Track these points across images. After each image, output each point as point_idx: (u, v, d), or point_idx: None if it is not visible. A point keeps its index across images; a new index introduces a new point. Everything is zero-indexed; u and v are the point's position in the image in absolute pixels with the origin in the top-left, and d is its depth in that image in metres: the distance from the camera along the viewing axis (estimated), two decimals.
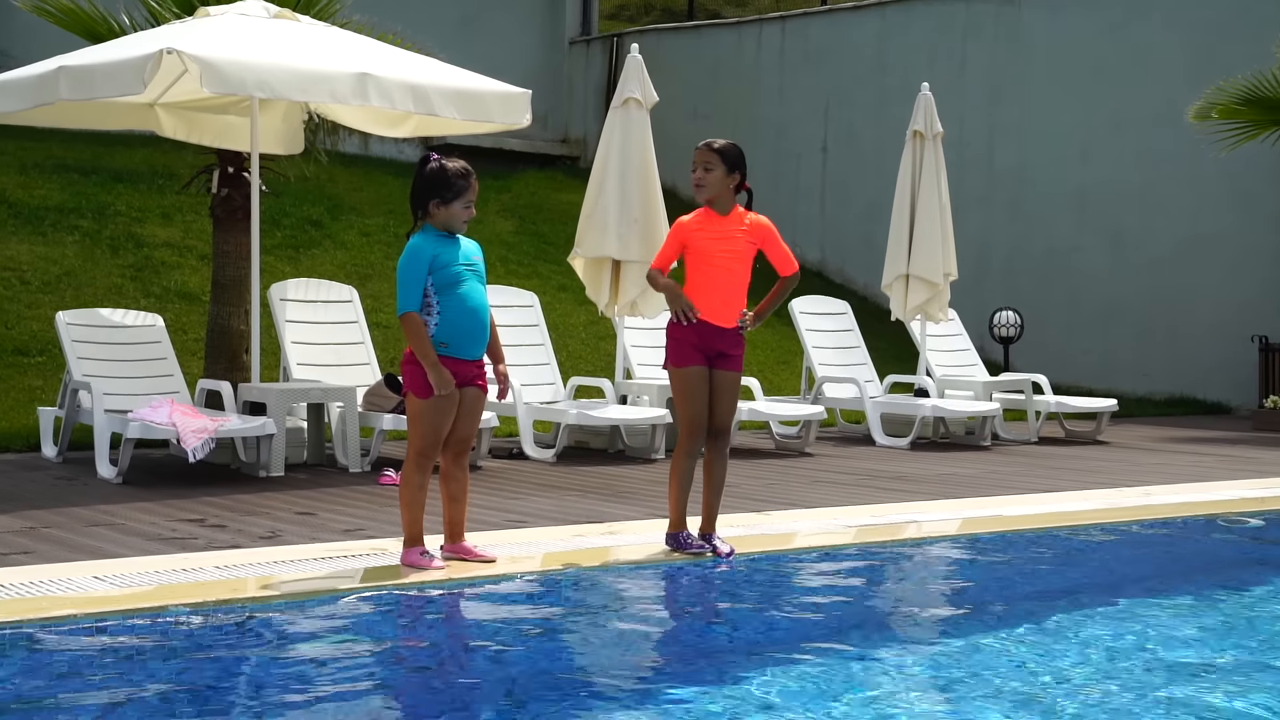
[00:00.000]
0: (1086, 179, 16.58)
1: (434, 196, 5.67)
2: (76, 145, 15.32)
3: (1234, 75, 13.70)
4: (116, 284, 12.85)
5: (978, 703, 4.08)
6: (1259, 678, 4.42)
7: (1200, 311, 15.75)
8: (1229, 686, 4.28)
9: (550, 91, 20.16)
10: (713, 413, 6.15)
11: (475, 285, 5.73)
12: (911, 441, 11.36)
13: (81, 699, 3.94)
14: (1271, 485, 9.18)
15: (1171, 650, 4.76)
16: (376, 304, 13.22)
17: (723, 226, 6.23)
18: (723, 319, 6.11)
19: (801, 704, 4.01)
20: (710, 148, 6.42)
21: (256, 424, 8.56)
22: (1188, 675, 4.44)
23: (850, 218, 18.26)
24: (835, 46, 18.79)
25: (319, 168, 11.40)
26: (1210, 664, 4.59)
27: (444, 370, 5.61)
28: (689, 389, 6.10)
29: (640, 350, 11.21)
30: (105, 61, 8.37)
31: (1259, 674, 4.48)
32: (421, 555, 5.71)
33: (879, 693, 4.20)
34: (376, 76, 8.54)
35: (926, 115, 12.06)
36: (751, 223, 6.24)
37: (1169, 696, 4.17)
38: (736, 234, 6.21)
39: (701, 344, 6.08)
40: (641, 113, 10.56)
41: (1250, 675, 4.45)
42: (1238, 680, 4.38)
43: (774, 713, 3.92)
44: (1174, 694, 4.20)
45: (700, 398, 6.10)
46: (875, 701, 4.09)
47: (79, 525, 6.80)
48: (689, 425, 6.13)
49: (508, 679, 4.33)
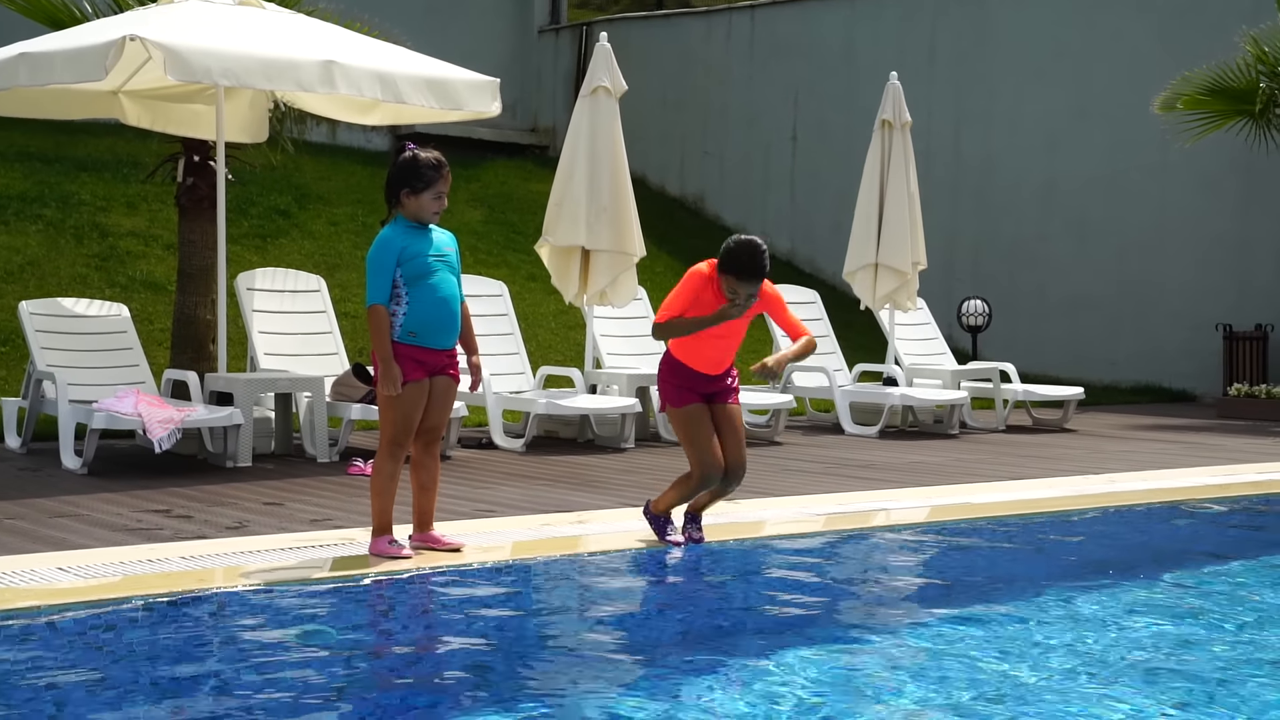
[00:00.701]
0: (1054, 168, 16.66)
1: (404, 186, 5.65)
2: (40, 133, 15.18)
3: (1199, 65, 13.78)
4: (81, 274, 12.75)
5: (945, 688, 4.10)
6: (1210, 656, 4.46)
7: (1166, 300, 15.86)
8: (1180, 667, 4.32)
9: (519, 80, 20.11)
10: (726, 451, 5.99)
11: (446, 276, 5.71)
12: (880, 430, 11.40)
13: (51, 687, 3.91)
14: (1235, 472, 9.26)
15: (1133, 634, 4.80)
16: (344, 293, 13.16)
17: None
18: (715, 369, 6.05)
19: (780, 683, 4.02)
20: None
21: (223, 414, 8.51)
22: (1144, 663, 4.47)
23: (820, 207, 18.29)
24: (804, 36, 18.80)
25: (286, 156, 11.33)
26: (1167, 647, 4.62)
27: (395, 368, 5.60)
28: (691, 427, 5.95)
29: (610, 340, 11.20)
30: (67, 48, 8.28)
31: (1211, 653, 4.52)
32: (390, 544, 5.70)
33: (846, 675, 4.21)
34: (343, 64, 8.48)
35: (895, 104, 12.09)
36: (764, 293, 5.96)
37: (1126, 682, 4.20)
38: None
39: (693, 386, 6.03)
40: (610, 101, 10.54)
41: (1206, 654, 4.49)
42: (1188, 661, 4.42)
43: (748, 696, 3.93)
44: (1132, 679, 4.23)
45: (706, 433, 5.95)
46: (844, 683, 4.10)
47: (43, 516, 6.75)
48: (702, 468, 5.94)
49: (475, 667, 4.32)
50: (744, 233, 6.07)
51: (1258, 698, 4.04)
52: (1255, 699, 4.03)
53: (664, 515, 6.17)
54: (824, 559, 6.27)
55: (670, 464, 9.33)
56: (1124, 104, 15.78)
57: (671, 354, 6.09)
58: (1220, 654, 4.56)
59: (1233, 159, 14.88)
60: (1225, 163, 15.11)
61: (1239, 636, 4.84)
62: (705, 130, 19.56)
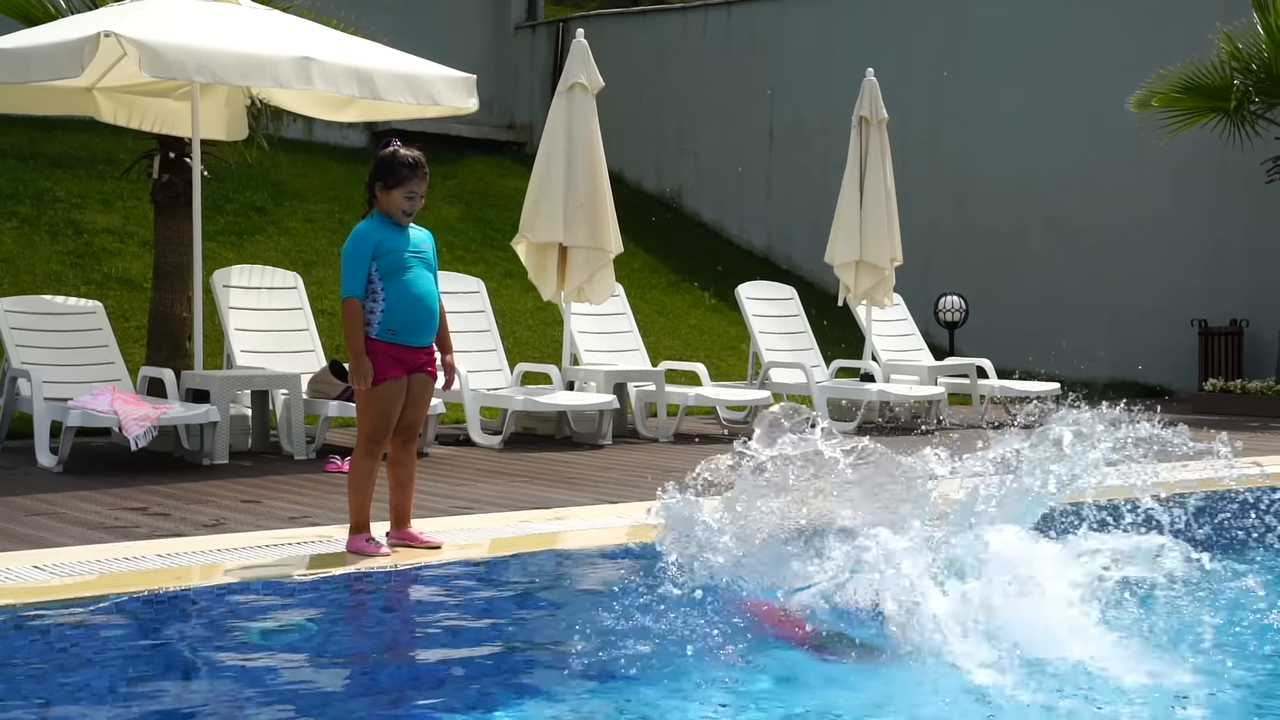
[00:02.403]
0: (1030, 164, 16.72)
1: (379, 180, 5.66)
2: (13, 130, 15.08)
3: (1174, 61, 13.85)
4: (56, 271, 12.68)
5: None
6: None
7: (1141, 296, 15.94)
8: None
9: (496, 77, 20.06)
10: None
11: (422, 273, 5.71)
12: (857, 426, 11.43)
13: (34, 685, 3.90)
14: (1209, 467, 9.29)
15: None
16: (321, 290, 13.13)
17: None
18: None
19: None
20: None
21: (200, 411, 8.48)
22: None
23: (796, 203, 18.31)
24: (781, 32, 18.82)
25: (262, 153, 11.28)
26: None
27: (366, 362, 5.60)
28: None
29: (587, 336, 11.20)
30: (41, 44, 8.25)
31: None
32: (368, 542, 5.70)
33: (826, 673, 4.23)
34: (319, 60, 8.46)
35: (871, 101, 12.12)
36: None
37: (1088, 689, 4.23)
38: None
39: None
40: (587, 98, 10.54)
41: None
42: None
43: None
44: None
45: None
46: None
47: (18, 514, 6.71)
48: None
49: (450, 663, 4.32)
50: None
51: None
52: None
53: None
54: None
55: (648, 460, 9.35)
56: (1100, 100, 15.85)
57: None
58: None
59: (1208, 155, 14.96)
60: (1200, 159, 15.19)
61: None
62: (682, 126, 19.56)
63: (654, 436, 10.58)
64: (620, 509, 7.07)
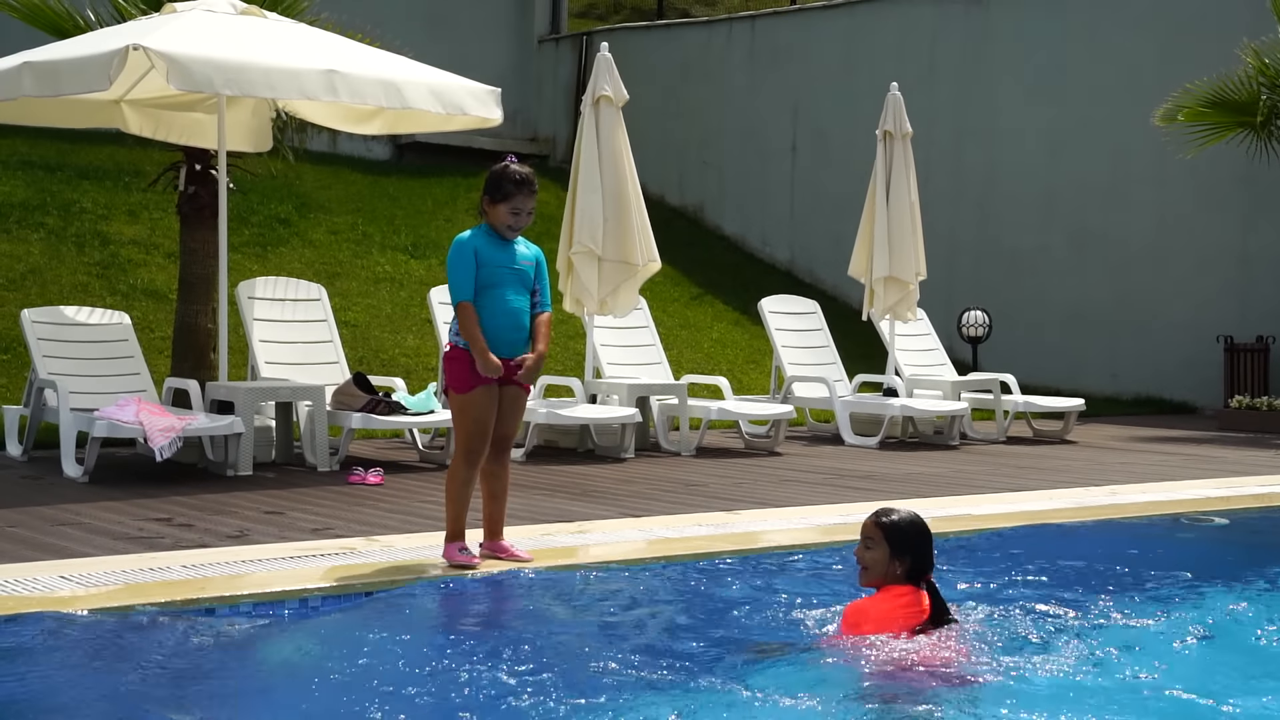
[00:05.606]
0: (1054, 178, 16.67)
1: (487, 194, 5.83)
2: (41, 142, 15.19)
3: (1200, 76, 13.79)
4: (82, 282, 12.75)
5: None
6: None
7: (1167, 312, 15.86)
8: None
9: (519, 90, 20.11)
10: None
11: (516, 289, 5.81)
12: (880, 441, 11.39)
13: (53, 696, 3.91)
14: (1236, 484, 9.26)
15: (1136, 654, 4.79)
16: (345, 302, 13.18)
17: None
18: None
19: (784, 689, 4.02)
20: (877, 521, 4.74)
21: (224, 423, 8.51)
22: (1149, 680, 4.47)
23: (819, 217, 18.29)
24: (804, 46, 18.82)
25: (286, 165, 11.35)
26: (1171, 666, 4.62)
27: (492, 357, 5.68)
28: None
29: (610, 349, 11.20)
30: (70, 57, 8.30)
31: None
32: (461, 551, 5.75)
33: (847, 690, 4.21)
34: (345, 73, 8.50)
35: (895, 115, 12.10)
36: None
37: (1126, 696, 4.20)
38: None
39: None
40: (613, 110, 10.55)
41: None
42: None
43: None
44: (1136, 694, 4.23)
45: None
46: (846, 699, 4.10)
47: (44, 525, 6.74)
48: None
49: (468, 680, 4.32)
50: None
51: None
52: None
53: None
54: (823, 570, 6.26)
55: (670, 474, 9.34)
56: (1125, 115, 15.79)
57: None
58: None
59: (1234, 171, 14.89)
60: (1226, 174, 15.11)
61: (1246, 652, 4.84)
62: (705, 140, 19.57)
63: (676, 450, 10.57)
64: (643, 522, 7.06)
